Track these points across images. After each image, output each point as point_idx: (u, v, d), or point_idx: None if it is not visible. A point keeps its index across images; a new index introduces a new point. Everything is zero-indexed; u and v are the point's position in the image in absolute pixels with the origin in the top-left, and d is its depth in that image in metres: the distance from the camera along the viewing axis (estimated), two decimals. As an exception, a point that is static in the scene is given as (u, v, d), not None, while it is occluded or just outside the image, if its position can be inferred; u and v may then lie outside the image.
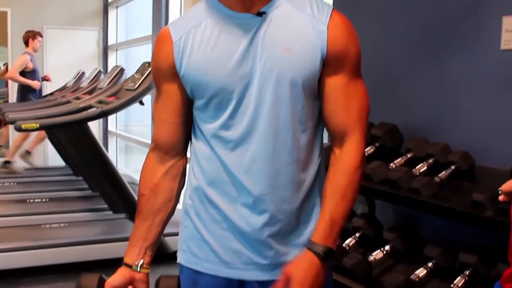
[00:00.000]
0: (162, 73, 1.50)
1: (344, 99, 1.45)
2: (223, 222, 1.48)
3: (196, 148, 1.53)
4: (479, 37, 2.23)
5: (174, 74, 1.47)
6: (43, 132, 7.07)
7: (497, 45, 2.14)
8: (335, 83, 1.44)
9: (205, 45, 1.43)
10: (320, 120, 1.50)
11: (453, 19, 2.34)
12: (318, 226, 1.45)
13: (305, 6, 1.43)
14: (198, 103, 1.47)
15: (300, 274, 1.37)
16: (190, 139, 1.57)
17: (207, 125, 1.47)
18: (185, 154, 1.58)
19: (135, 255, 1.54)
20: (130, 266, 1.53)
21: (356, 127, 1.46)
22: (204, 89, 1.43)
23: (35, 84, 7.31)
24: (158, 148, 1.56)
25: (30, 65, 7.27)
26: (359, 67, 1.47)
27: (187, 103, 1.50)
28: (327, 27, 1.40)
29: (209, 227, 1.51)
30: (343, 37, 1.42)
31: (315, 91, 1.45)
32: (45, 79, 7.72)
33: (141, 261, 1.54)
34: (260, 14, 1.40)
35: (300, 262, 1.40)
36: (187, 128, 1.54)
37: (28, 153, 7.43)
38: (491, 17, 2.16)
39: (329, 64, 1.41)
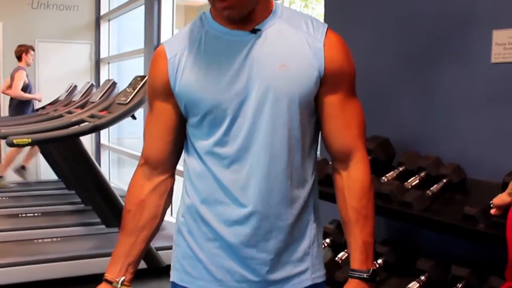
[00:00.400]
0: (157, 91, 1.50)
1: (343, 117, 1.46)
2: (216, 240, 1.48)
3: (189, 166, 1.53)
4: (470, 51, 2.24)
5: (168, 92, 1.47)
6: (35, 147, 7.05)
7: (488, 59, 2.15)
8: (333, 102, 1.45)
9: (200, 62, 1.43)
10: (315, 138, 1.51)
11: (444, 33, 2.36)
12: (354, 253, 1.49)
13: (300, 24, 1.44)
14: (192, 120, 1.47)
15: None
16: (180, 157, 1.57)
17: (202, 142, 1.47)
18: (174, 173, 1.58)
19: (117, 272, 1.53)
20: (110, 283, 1.53)
21: (358, 145, 1.49)
22: (198, 106, 1.43)
23: (38, 96, 7.32)
24: (147, 164, 1.56)
25: (26, 81, 7.27)
26: (354, 85, 1.49)
27: (179, 122, 1.50)
28: (323, 45, 1.41)
29: (202, 245, 1.51)
30: (340, 55, 1.44)
31: (312, 109, 1.46)
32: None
33: (122, 278, 1.53)
34: (255, 31, 1.41)
35: None
36: (178, 147, 1.54)
37: (23, 168, 7.36)
38: (481, 31, 2.17)
39: (326, 82, 1.42)
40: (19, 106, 7.24)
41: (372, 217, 1.51)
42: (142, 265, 3.51)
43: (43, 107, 6.81)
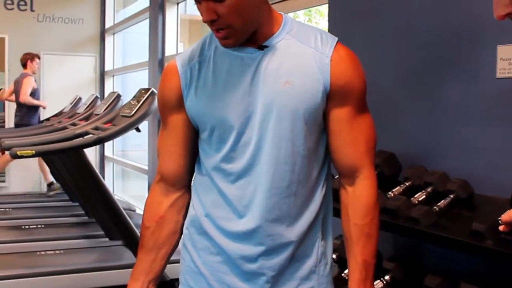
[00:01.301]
0: (169, 105, 1.50)
1: (350, 133, 1.44)
2: (219, 255, 1.48)
3: (197, 179, 1.54)
4: (475, 65, 2.24)
5: (181, 105, 1.47)
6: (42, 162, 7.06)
7: (493, 74, 2.15)
8: (341, 117, 1.43)
9: (209, 78, 1.44)
10: (326, 155, 1.49)
11: (450, 48, 2.35)
12: (352, 272, 1.46)
13: (309, 38, 1.43)
14: (203, 135, 1.48)
15: None
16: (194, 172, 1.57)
17: (210, 157, 1.47)
18: (190, 188, 1.58)
19: None
20: None
21: (365, 161, 1.46)
22: (206, 121, 1.44)
23: (44, 104, 7.32)
24: (163, 180, 1.55)
25: (35, 86, 7.27)
26: (365, 99, 1.48)
27: (194, 135, 1.51)
28: (331, 60, 1.40)
29: (205, 259, 1.50)
30: (348, 70, 1.42)
31: (320, 125, 1.44)
32: None
33: None
34: (262, 47, 1.41)
35: None
36: (193, 161, 1.54)
37: (50, 185, 7.31)
38: (486, 47, 2.17)
39: (333, 97, 1.41)
40: (27, 115, 7.23)
41: (376, 236, 1.48)
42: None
43: (48, 119, 6.81)
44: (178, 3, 6.22)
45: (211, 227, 1.48)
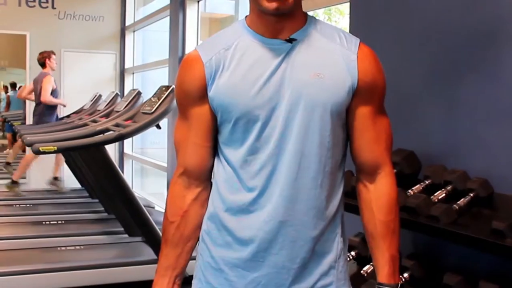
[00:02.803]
0: (192, 96, 1.48)
1: (374, 131, 1.47)
2: (239, 251, 1.47)
3: (216, 173, 1.53)
4: (496, 65, 2.22)
5: (204, 96, 1.46)
6: (60, 156, 7.09)
7: (515, 73, 2.14)
8: (365, 114, 1.45)
9: (233, 68, 1.43)
10: (345, 150, 1.50)
11: (471, 47, 2.34)
12: (382, 268, 1.49)
13: (333, 36, 1.45)
14: (225, 126, 1.47)
15: None
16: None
17: (233, 150, 1.46)
18: (211, 180, 1.57)
19: (165, 284, 1.55)
20: None
21: (386, 159, 1.49)
22: (230, 111, 1.43)
23: (64, 102, 7.40)
24: (186, 173, 1.54)
25: (54, 86, 7.31)
26: (384, 99, 1.50)
27: (216, 126, 1.49)
28: (357, 57, 1.42)
29: (224, 255, 1.50)
30: (372, 68, 1.45)
31: (343, 120, 1.46)
32: None
33: None
34: (291, 40, 1.42)
35: None
36: (214, 153, 1.53)
37: (56, 179, 7.37)
38: (508, 46, 2.15)
39: (359, 94, 1.43)
40: (45, 114, 7.28)
41: (399, 231, 1.51)
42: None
43: (68, 116, 6.85)
44: (198, 1, 6.24)
45: (233, 221, 1.47)
